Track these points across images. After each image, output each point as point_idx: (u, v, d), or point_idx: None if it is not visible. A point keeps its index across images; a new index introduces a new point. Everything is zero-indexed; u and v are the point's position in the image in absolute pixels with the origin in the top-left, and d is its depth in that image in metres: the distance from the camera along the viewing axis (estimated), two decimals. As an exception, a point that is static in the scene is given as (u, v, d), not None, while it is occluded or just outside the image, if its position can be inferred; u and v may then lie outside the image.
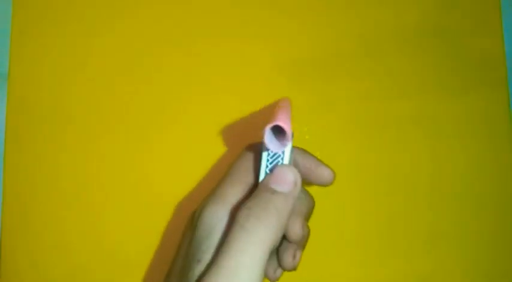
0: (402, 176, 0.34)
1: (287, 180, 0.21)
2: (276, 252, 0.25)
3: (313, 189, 0.34)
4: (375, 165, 0.34)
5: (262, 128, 0.21)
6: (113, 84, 0.35)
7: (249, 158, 0.24)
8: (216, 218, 0.21)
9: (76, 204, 0.34)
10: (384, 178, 0.34)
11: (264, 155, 0.22)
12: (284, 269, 0.25)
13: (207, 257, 0.20)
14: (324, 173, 0.25)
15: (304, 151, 0.25)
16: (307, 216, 0.25)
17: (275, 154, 0.22)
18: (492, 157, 0.35)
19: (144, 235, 0.33)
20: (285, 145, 0.20)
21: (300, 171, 0.21)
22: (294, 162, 0.25)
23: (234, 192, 0.22)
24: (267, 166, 0.22)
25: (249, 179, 0.23)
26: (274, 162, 0.22)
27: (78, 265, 0.33)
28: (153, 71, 0.35)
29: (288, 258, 0.24)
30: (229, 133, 0.34)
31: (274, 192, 0.20)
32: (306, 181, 0.25)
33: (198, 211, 0.22)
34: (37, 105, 0.35)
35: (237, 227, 0.19)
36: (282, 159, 0.22)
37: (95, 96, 0.35)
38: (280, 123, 0.19)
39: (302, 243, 0.25)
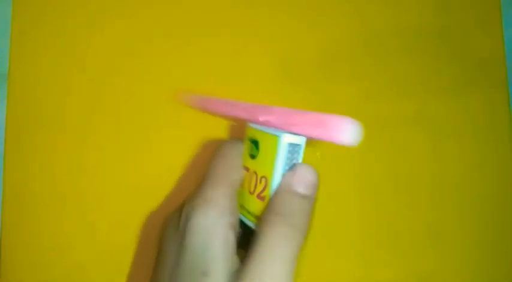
0: (402, 176, 0.34)
1: (311, 183, 0.20)
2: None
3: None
4: (375, 165, 0.34)
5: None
6: (113, 84, 0.35)
7: (231, 155, 0.23)
8: (212, 223, 0.19)
9: (77, 204, 0.34)
10: (384, 178, 0.34)
11: (284, 149, 0.20)
12: None
13: (216, 267, 0.18)
14: None
15: None
16: None
17: (293, 149, 0.21)
18: (492, 157, 0.35)
19: (145, 236, 0.33)
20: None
21: None
22: None
23: (222, 193, 0.21)
24: (286, 163, 0.21)
25: (235, 177, 0.22)
26: (292, 159, 0.21)
27: (78, 265, 0.33)
28: (153, 70, 0.35)
29: None
30: (228, 133, 0.34)
31: (301, 196, 0.20)
32: None
33: (185, 216, 0.21)
34: (37, 105, 0.35)
35: (273, 233, 0.18)
36: (299, 155, 0.21)
37: (95, 96, 0.35)
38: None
39: None
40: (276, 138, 0.21)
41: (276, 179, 0.20)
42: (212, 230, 0.19)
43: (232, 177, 0.22)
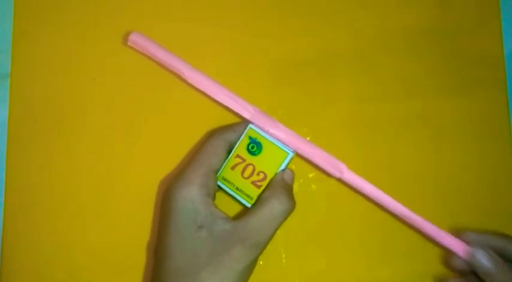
0: (402, 176, 0.34)
1: (292, 178, 0.31)
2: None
3: (315, 189, 0.34)
4: (376, 166, 0.34)
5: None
6: (115, 84, 0.35)
7: (217, 144, 0.30)
8: (195, 194, 0.28)
9: (78, 204, 0.34)
10: (385, 178, 0.34)
11: (287, 161, 0.30)
12: None
13: (207, 221, 0.27)
14: None
15: None
16: None
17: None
18: (492, 156, 0.35)
19: (146, 236, 0.34)
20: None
21: None
22: None
23: (201, 174, 0.28)
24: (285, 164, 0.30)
25: (215, 161, 0.29)
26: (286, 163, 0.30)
27: (79, 266, 0.33)
28: (153, 68, 0.35)
29: None
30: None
31: (289, 184, 0.30)
32: None
33: (175, 192, 0.28)
34: (39, 105, 0.35)
35: (272, 199, 0.28)
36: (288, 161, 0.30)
37: (96, 95, 0.35)
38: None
39: None
40: (285, 154, 0.30)
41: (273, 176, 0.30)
42: (196, 199, 0.28)
43: (212, 162, 0.29)
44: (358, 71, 0.35)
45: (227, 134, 0.30)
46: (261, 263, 0.33)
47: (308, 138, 0.34)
